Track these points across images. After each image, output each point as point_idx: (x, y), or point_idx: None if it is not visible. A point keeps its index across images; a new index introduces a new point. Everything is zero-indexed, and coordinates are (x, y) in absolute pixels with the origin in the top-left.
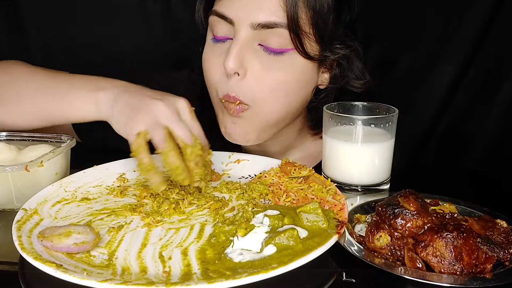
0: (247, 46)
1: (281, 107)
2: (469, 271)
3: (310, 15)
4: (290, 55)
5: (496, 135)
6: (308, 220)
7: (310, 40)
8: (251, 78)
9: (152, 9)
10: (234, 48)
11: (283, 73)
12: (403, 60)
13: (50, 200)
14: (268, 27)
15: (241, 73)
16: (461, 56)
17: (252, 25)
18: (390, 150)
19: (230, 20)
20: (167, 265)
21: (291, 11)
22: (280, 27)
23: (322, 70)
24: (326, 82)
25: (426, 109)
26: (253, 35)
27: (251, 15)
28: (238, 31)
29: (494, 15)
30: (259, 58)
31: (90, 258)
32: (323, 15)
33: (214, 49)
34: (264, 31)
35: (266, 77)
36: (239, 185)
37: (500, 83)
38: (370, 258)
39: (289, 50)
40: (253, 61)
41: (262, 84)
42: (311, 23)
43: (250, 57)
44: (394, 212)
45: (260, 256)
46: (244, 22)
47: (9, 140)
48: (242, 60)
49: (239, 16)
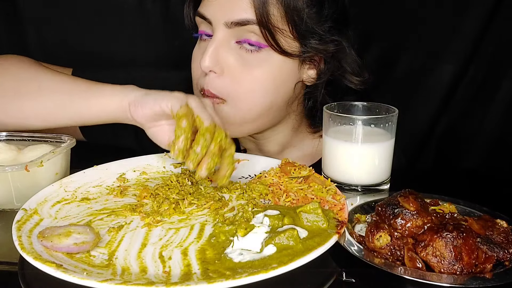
0: (224, 45)
1: (259, 104)
2: (469, 271)
3: (283, 10)
4: (266, 52)
5: (496, 135)
6: (308, 220)
7: (285, 37)
8: (228, 76)
9: (151, 9)
10: (210, 47)
11: (260, 70)
12: (403, 60)
13: (50, 200)
14: (241, 25)
15: (218, 70)
16: (461, 56)
17: (227, 24)
18: (390, 150)
19: (209, 21)
20: (167, 265)
21: (260, 8)
22: (253, 24)
23: (309, 67)
24: (313, 79)
25: (425, 109)
26: (229, 33)
27: (225, 14)
28: (215, 30)
29: (493, 15)
30: (235, 56)
31: (90, 258)
32: (298, 10)
33: (199, 47)
34: (238, 29)
35: (243, 74)
36: (239, 185)
37: (500, 83)
38: (370, 258)
39: (264, 47)
40: (229, 59)
41: (238, 82)
42: (285, 19)
43: (226, 55)
44: (394, 212)
45: (260, 256)
46: (219, 21)
47: (9, 140)
48: (218, 58)
49: (215, 16)
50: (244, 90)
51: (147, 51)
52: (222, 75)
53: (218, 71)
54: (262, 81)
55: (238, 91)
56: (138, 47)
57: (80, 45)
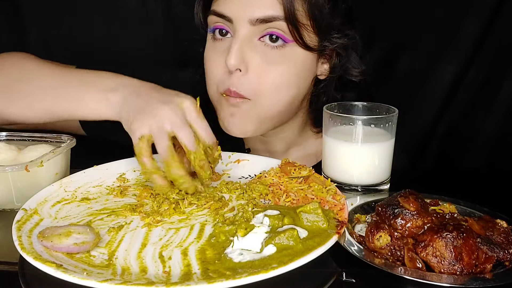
0: (248, 42)
1: (282, 100)
2: (469, 271)
3: (306, 6)
4: (290, 47)
5: (497, 135)
6: (308, 220)
7: (308, 32)
8: (253, 73)
9: (153, 8)
10: (235, 45)
11: (284, 66)
12: (403, 60)
13: (50, 200)
14: (267, 22)
15: (243, 68)
16: (462, 57)
17: (251, 21)
18: (390, 150)
19: (228, 19)
20: (167, 265)
21: (287, 4)
22: (279, 20)
23: (322, 61)
24: (326, 73)
25: (426, 109)
26: (252, 30)
27: (249, 11)
28: (238, 28)
29: (494, 16)
30: (259, 53)
31: (90, 258)
32: (319, 6)
33: (215, 47)
34: (263, 25)
35: (268, 71)
36: (239, 185)
37: (501, 83)
38: (370, 258)
39: (289, 43)
40: (254, 56)
41: (264, 78)
42: (308, 14)
43: (250, 52)
44: (394, 212)
45: (260, 256)
46: (242, 19)
47: (9, 140)
48: (243, 56)
49: (237, 13)
50: (269, 87)
51: (147, 51)
52: (247, 73)
53: (243, 69)
54: (287, 77)
55: (263, 88)
56: (139, 46)
57: (81, 45)
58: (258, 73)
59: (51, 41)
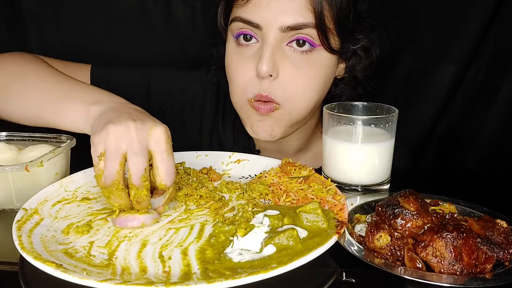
0: (277, 48)
1: (311, 103)
2: (469, 271)
3: (333, 12)
4: (317, 51)
5: (496, 135)
6: (308, 220)
7: (333, 35)
8: (284, 78)
9: (152, 9)
10: (267, 52)
11: (312, 70)
12: (403, 60)
13: (50, 200)
14: (297, 29)
15: (274, 74)
16: (461, 57)
17: (281, 28)
18: (390, 150)
19: (257, 25)
20: (167, 265)
21: (318, 11)
22: (308, 27)
23: (341, 61)
24: (342, 72)
25: (426, 110)
26: (281, 36)
27: (279, 18)
28: (267, 35)
29: (494, 16)
30: (289, 58)
31: (90, 258)
32: (343, 9)
33: (241, 53)
34: (292, 32)
35: (298, 75)
36: (239, 185)
37: (500, 84)
38: (370, 258)
39: (316, 47)
40: (284, 62)
41: (294, 83)
42: (333, 19)
43: (281, 58)
44: (394, 212)
45: (260, 256)
46: (272, 26)
47: (9, 140)
48: (275, 62)
49: (267, 20)
50: (300, 91)
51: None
52: (277, 78)
53: (274, 75)
54: (315, 80)
55: (294, 93)
56: (139, 47)
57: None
58: (288, 78)
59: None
